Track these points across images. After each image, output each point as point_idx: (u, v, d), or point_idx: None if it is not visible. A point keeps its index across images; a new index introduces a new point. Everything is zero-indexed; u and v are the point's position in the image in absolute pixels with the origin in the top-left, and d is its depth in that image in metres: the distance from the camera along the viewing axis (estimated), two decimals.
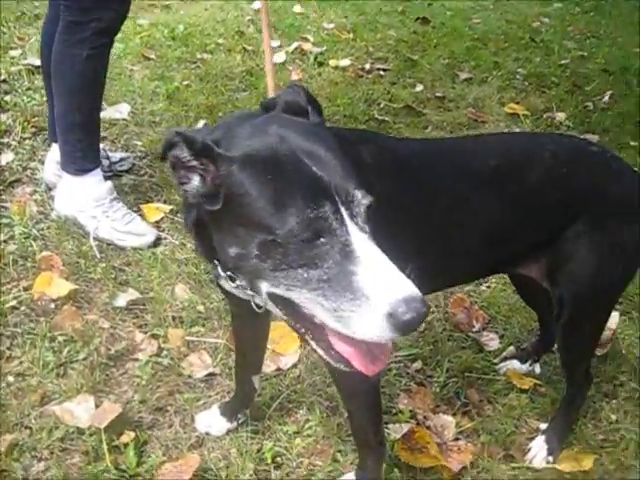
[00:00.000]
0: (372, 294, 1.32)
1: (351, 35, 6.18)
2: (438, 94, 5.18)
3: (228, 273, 1.61)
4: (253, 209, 1.39)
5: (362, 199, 1.42)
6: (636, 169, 4.09)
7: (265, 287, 1.46)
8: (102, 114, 4.14)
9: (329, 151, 1.45)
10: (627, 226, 2.04)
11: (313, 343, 1.50)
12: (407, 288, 1.32)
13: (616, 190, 2.03)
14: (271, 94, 2.29)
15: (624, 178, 2.08)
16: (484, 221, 1.97)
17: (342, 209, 1.38)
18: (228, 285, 1.69)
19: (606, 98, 5.39)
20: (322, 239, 1.36)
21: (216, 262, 1.63)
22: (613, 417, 2.59)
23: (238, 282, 1.60)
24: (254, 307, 1.68)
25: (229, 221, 1.44)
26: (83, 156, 3.21)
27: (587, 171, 2.04)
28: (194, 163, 1.44)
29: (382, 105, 4.88)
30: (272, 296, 1.48)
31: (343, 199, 1.39)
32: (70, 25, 3.02)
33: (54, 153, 3.41)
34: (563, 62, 6.08)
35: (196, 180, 1.46)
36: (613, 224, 2.03)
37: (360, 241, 1.37)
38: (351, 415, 2.06)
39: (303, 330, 1.50)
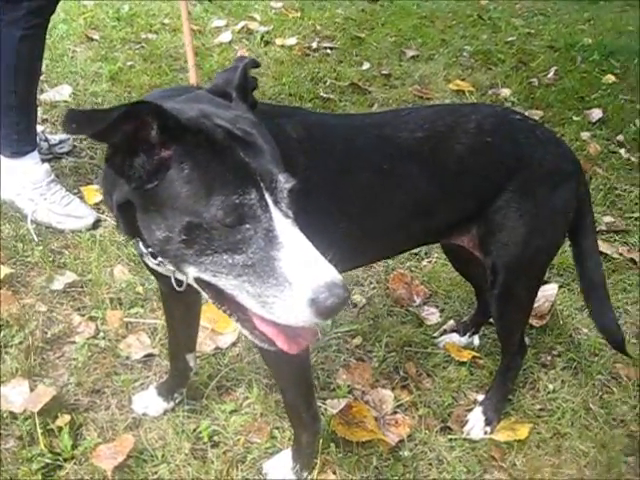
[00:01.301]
0: (294, 280, 1.34)
1: (299, 14, 6.14)
2: (384, 72, 5.18)
3: (150, 250, 1.60)
4: (183, 190, 1.37)
5: (285, 183, 1.43)
6: (579, 143, 4.20)
7: (192, 272, 1.46)
8: (43, 96, 4.11)
9: (257, 136, 1.46)
10: (554, 192, 2.07)
11: (238, 324, 1.51)
12: (329, 274, 1.34)
13: (541, 157, 2.05)
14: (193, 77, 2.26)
15: (549, 145, 2.10)
16: (411, 192, 1.98)
17: (266, 195, 1.39)
18: (151, 262, 1.68)
19: (551, 74, 5.45)
20: (247, 225, 1.36)
21: (138, 239, 1.62)
22: (551, 387, 2.63)
23: (160, 259, 1.59)
24: (174, 285, 1.68)
25: (159, 202, 1.41)
26: (19, 138, 3.15)
27: (511, 140, 2.06)
28: (156, 139, 1.38)
29: (328, 83, 4.87)
30: (198, 281, 1.48)
31: (267, 185, 1.40)
32: (3, 5, 2.95)
33: None
34: (510, 39, 6.12)
35: (140, 159, 1.40)
36: (540, 191, 2.05)
37: (283, 227, 1.38)
38: (283, 392, 2.07)
39: (229, 312, 1.50)
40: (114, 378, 2.44)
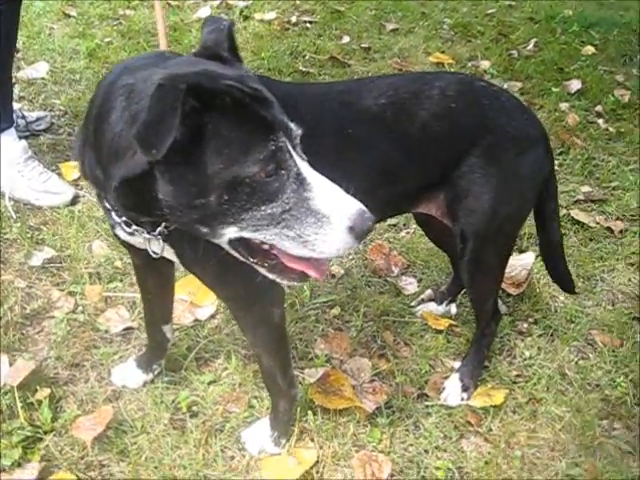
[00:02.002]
0: (332, 214, 1.46)
1: None
2: (364, 45, 5.15)
3: (124, 219, 1.61)
4: (224, 152, 1.41)
5: (297, 130, 1.52)
6: (557, 113, 4.21)
7: (231, 233, 1.50)
8: (20, 74, 4.09)
9: (264, 91, 1.52)
10: (520, 158, 2.08)
11: (267, 272, 1.59)
12: (356, 204, 1.48)
13: (506, 123, 2.06)
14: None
15: (514, 111, 2.10)
16: (375, 158, 1.99)
17: (287, 142, 1.48)
18: (123, 233, 1.69)
19: (530, 46, 5.43)
20: (282, 171, 1.45)
21: (109, 207, 1.63)
22: (527, 353, 2.66)
23: (134, 228, 1.61)
24: (151, 254, 1.70)
25: (197, 170, 1.42)
26: None
27: (475, 106, 2.07)
28: (191, 110, 1.38)
29: (307, 57, 4.85)
30: (233, 242, 1.54)
31: (287, 133, 1.48)
32: None
33: None
34: (490, 11, 6.08)
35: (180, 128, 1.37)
36: (506, 157, 2.07)
37: (307, 170, 1.49)
38: (259, 359, 2.09)
39: (259, 263, 1.58)
40: (93, 352, 2.46)
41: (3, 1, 2.95)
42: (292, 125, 1.51)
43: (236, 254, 1.57)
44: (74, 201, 3.18)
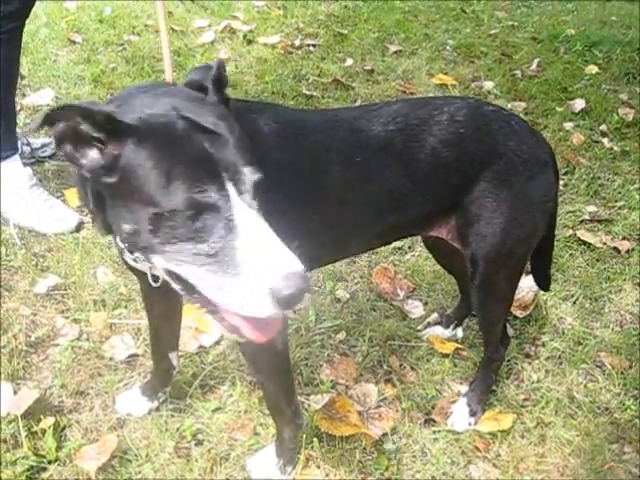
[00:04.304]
0: (253, 270, 1.35)
1: (281, 12, 6.12)
2: (367, 67, 5.17)
3: (126, 245, 1.62)
4: (145, 182, 1.40)
5: (251, 175, 1.44)
6: (562, 133, 4.21)
7: (159, 263, 1.48)
8: (25, 100, 4.11)
9: (224, 128, 1.47)
10: (530, 181, 2.07)
11: (210, 316, 1.53)
12: (288, 264, 1.35)
13: (516, 147, 2.05)
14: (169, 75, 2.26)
15: (523, 135, 2.09)
16: (384, 185, 1.99)
17: (229, 185, 1.40)
18: (128, 258, 1.70)
19: (534, 66, 5.44)
20: (207, 215, 1.38)
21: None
22: (535, 377, 2.64)
23: (136, 254, 1.61)
24: (150, 281, 1.70)
25: (124, 195, 1.44)
26: (0, 143, 3.15)
27: (485, 130, 2.06)
28: (95, 135, 1.41)
29: (311, 80, 4.86)
30: (168, 273, 1.51)
31: (231, 176, 1.41)
32: None
33: None
34: (493, 32, 6.11)
35: (94, 153, 1.44)
36: (517, 180, 2.06)
37: (245, 217, 1.40)
38: (263, 387, 2.08)
39: (199, 303, 1.52)
40: (98, 379, 2.45)
41: (4, 30, 2.97)
42: (245, 169, 1.44)
43: (176, 287, 1.55)
44: (79, 227, 3.18)
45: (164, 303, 2.17)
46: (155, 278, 1.73)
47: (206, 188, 1.37)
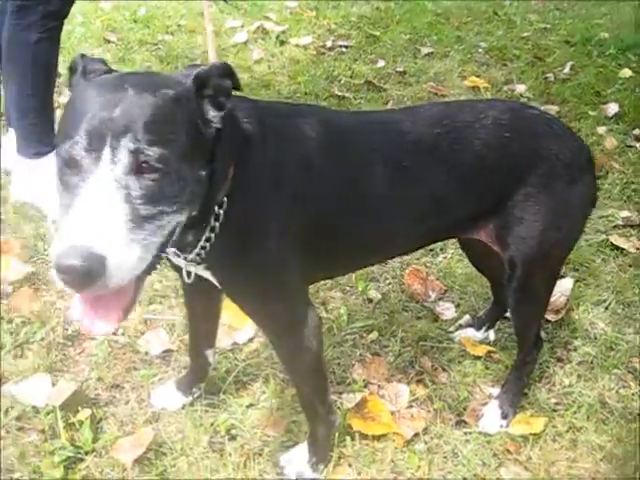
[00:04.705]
0: (59, 235, 1.33)
1: (314, 13, 6.16)
2: (399, 69, 5.18)
3: None
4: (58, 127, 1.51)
5: (133, 145, 1.38)
6: (595, 137, 4.19)
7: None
8: (62, 98, 4.16)
9: (133, 98, 1.42)
10: (571, 186, 2.08)
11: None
12: (75, 238, 1.30)
13: (559, 151, 2.06)
14: None
15: (565, 139, 2.10)
16: (429, 188, 2.00)
17: (105, 150, 1.36)
18: (172, 255, 1.74)
19: (567, 69, 5.42)
20: (72, 169, 1.38)
21: None
22: (566, 381, 2.63)
23: (173, 250, 1.66)
24: (185, 276, 1.74)
25: None
26: (38, 139, 3.22)
27: (529, 134, 2.07)
28: None
29: (343, 81, 4.89)
30: None
31: (112, 142, 1.37)
32: (18, 10, 3.03)
33: (11, 138, 3.40)
34: (525, 35, 6.09)
35: None
36: (558, 185, 2.06)
37: (93, 184, 1.35)
38: (297, 387, 2.11)
39: None
40: (133, 373, 2.49)
41: (44, 29, 3.04)
42: (131, 143, 1.37)
43: None
44: None
45: (204, 300, 2.20)
46: (189, 274, 1.76)
47: (81, 146, 1.36)
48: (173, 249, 1.67)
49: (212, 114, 1.54)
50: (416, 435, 2.34)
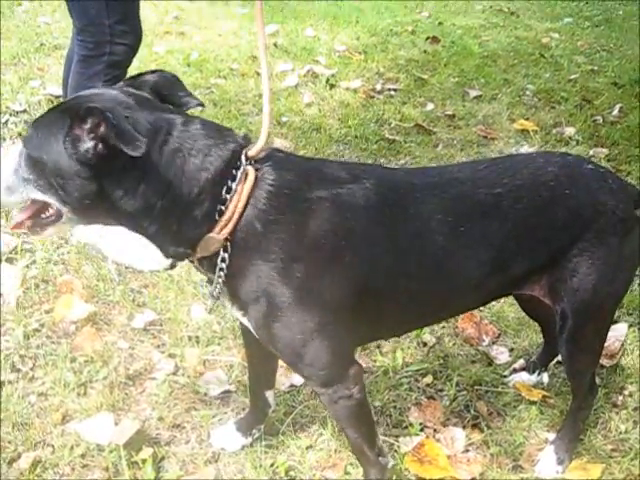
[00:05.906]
0: None
1: (362, 56, 6.28)
2: (448, 112, 5.25)
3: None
4: None
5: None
6: None
7: None
8: None
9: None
10: (625, 239, 2.10)
11: None
12: None
13: (615, 206, 2.07)
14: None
15: (620, 193, 2.12)
16: (488, 250, 2.01)
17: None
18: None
19: (615, 111, 5.43)
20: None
21: None
22: (622, 427, 2.62)
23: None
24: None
25: None
26: None
27: (587, 190, 2.09)
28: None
29: (393, 125, 4.96)
30: None
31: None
32: (84, 59, 3.17)
33: None
34: (573, 77, 6.12)
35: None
36: (614, 239, 2.08)
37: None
38: (344, 431, 2.12)
39: None
40: (193, 413, 2.54)
41: (108, 78, 3.17)
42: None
43: None
44: (173, 265, 3.30)
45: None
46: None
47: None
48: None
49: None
50: (473, 479, 2.34)
